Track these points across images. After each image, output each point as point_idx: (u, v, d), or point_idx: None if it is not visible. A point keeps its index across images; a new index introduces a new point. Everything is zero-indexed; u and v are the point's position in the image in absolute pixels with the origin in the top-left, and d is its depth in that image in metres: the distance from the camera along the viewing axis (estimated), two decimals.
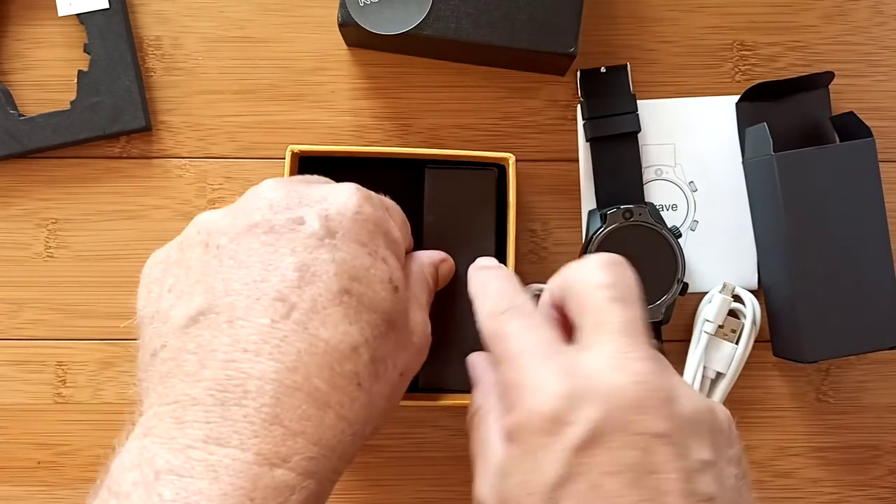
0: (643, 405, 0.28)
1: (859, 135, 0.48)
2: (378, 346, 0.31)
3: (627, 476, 0.27)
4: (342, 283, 0.30)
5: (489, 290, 0.34)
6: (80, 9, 0.50)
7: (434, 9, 0.46)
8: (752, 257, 0.51)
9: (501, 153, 0.44)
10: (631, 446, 0.27)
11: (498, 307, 0.32)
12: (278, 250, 0.30)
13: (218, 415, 0.27)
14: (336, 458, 0.29)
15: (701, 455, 0.28)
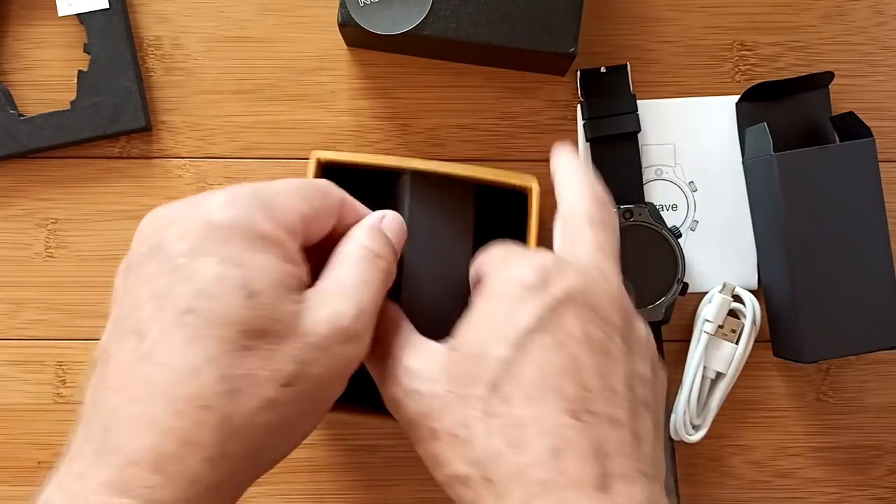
0: (611, 300, 0.31)
1: (859, 135, 0.48)
2: (232, 361, 0.28)
3: (587, 346, 0.30)
4: (186, 302, 0.29)
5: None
6: (80, 9, 0.50)
7: (434, 9, 0.46)
8: (752, 257, 0.51)
9: (526, 179, 0.43)
10: (596, 325, 0.30)
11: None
12: (142, 285, 0.30)
13: (80, 448, 0.30)
14: (187, 484, 0.27)
15: (644, 370, 0.31)
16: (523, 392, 0.29)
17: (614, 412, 0.29)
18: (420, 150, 0.51)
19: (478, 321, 0.32)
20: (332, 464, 0.50)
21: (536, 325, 0.30)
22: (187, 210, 0.31)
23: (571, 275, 0.31)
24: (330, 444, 0.50)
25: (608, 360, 0.30)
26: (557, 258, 0.32)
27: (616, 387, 0.30)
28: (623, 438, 0.29)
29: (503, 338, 0.30)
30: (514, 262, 0.32)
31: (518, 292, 0.31)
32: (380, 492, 0.50)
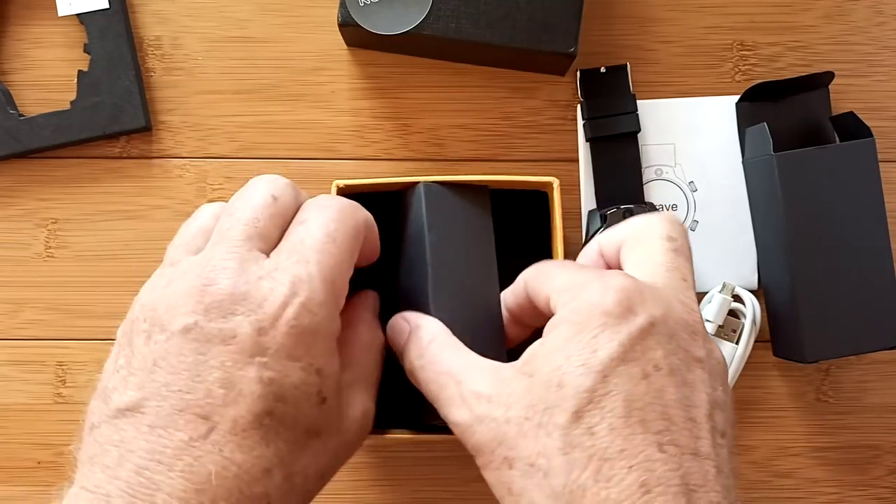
0: (692, 331, 0.31)
1: (859, 135, 0.48)
2: (295, 460, 0.30)
3: (672, 377, 0.29)
4: (266, 404, 0.29)
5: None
6: (80, 9, 0.50)
7: (434, 9, 0.46)
8: (752, 257, 0.51)
9: (545, 178, 0.43)
10: (678, 356, 0.30)
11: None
12: (208, 361, 0.29)
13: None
14: None
15: (722, 396, 0.31)
16: (608, 423, 0.28)
17: (697, 445, 0.28)
18: (420, 150, 0.51)
19: (557, 347, 0.30)
20: None
21: (621, 355, 0.29)
22: (266, 292, 0.30)
23: (654, 303, 0.30)
24: None
25: (690, 391, 0.29)
26: (638, 283, 0.31)
27: (698, 418, 0.29)
28: (706, 471, 0.28)
29: (587, 366, 0.29)
30: (592, 286, 0.31)
31: (601, 319, 0.29)
32: (380, 492, 0.50)
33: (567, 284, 0.32)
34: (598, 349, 0.29)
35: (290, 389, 0.30)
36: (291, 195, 0.34)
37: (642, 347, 0.29)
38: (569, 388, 0.29)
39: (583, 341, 0.29)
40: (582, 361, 0.29)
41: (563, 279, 0.32)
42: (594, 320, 0.30)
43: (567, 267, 0.34)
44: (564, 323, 0.30)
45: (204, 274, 0.30)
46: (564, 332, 0.30)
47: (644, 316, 0.30)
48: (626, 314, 0.29)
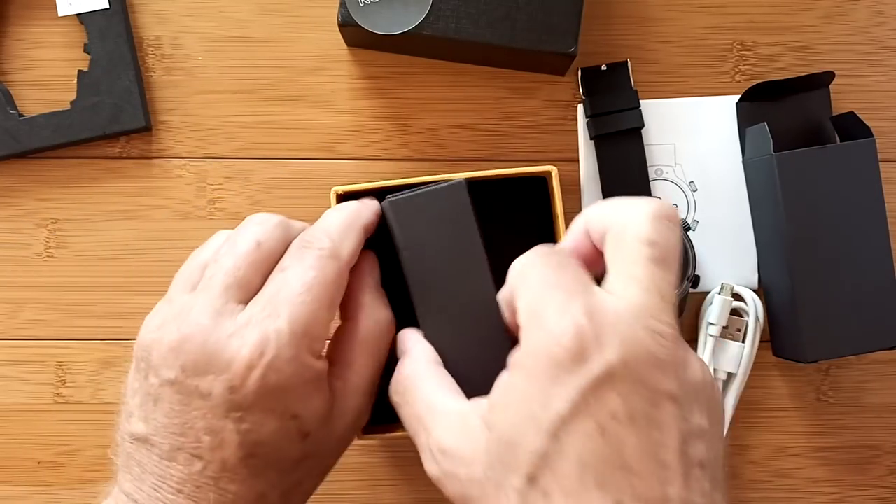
0: (659, 363, 0.28)
1: (859, 135, 0.48)
2: (287, 480, 0.34)
3: (633, 425, 0.27)
4: (247, 449, 0.32)
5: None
6: (80, 9, 0.50)
7: (434, 9, 0.46)
8: (752, 257, 0.51)
9: (543, 166, 0.43)
10: (641, 397, 0.27)
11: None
12: (191, 412, 0.32)
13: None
14: None
15: (700, 422, 0.28)
16: (562, 487, 0.27)
17: (665, 491, 0.26)
18: (420, 150, 0.51)
19: (511, 399, 0.29)
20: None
21: (571, 412, 0.27)
22: (233, 354, 0.32)
23: (613, 344, 0.27)
24: None
25: (657, 431, 0.27)
26: (595, 318, 0.28)
27: (667, 459, 0.27)
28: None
29: (537, 426, 0.27)
30: (548, 316, 0.29)
31: (552, 371, 0.27)
32: (380, 492, 0.50)
33: (530, 303, 0.30)
34: (548, 404, 0.27)
35: (268, 436, 0.32)
36: (278, 238, 0.35)
37: (596, 399, 0.27)
38: (521, 449, 0.27)
39: (534, 394, 0.28)
40: (533, 420, 0.27)
41: (530, 294, 0.30)
42: (547, 371, 0.28)
43: (540, 276, 0.31)
44: (519, 369, 0.29)
45: (182, 329, 0.33)
46: (518, 380, 0.29)
47: (598, 364, 0.27)
48: (578, 362, 0.27)
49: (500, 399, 0.29)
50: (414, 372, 0.34)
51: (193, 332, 0.32)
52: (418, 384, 0.34)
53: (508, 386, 0.29)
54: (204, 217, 0.51)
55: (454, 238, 0.37)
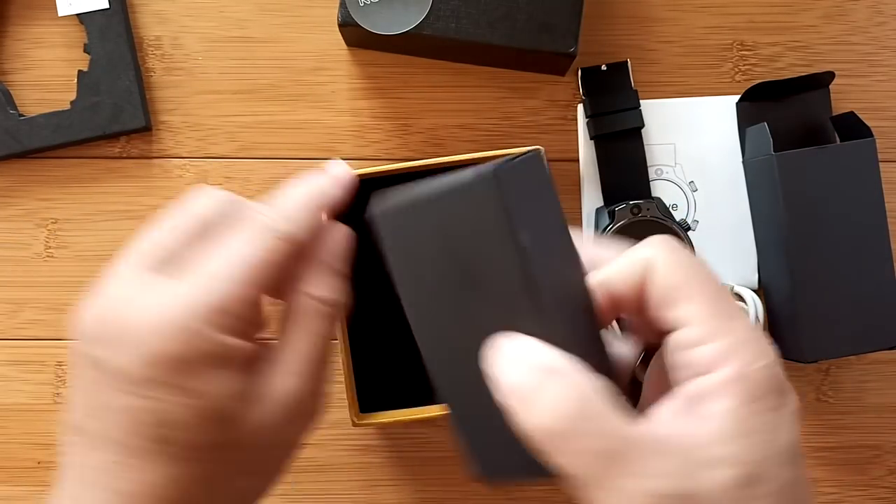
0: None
1: (859, 135, 0.48)
2: (208, 471, 0.31)
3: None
4: (152, 430, 0.29)
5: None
6: (80, 9, 0.50)
7: (434, 9, 0.46)
8: (752, 257, 0.51)
9: (531, 147, 0.44)
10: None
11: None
12: (101, 389, 0.30)
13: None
14: None
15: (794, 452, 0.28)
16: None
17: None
18: (420, 150, 0.51)
19: (744, 429, 0.26)
20: (332, 464, 0.50)
21: (797, 439, 0.27)
22: (133, 321, 0.30)
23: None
24: (331, 444, 0.50)
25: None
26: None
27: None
28: None
29: (780, 457, 0.26)
30: (746, 336, 0.27)
31: (771, 399, 0.26)
32: (380, 492, 0.50)
33: (716, 310, 0.27)
34: (784, 431, 0.26)
35: (172, 415, 0.29)
36: (222, 213, 0.33)
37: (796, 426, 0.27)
38: (769, 482, 0.26)
39: (763, 424, 0.26)
40: (773, 448, 0.26)
41: (708, 296, 0.27)
42: (765, 397, 0.26)
43: (709, 293, 0.28)
44: (735, 396, 0.26)
45: (95, 299, 0.31)
46: (743, 409, 0.26)
47: (792, 392, 0.27)
48: (789, 391, 0.27)
49: (733, 430, 0.26)
50: (582, 397, 0.26)
51: (100, 302, 0.31)
52: (597, 413, 0.26)
53: (735, 416, 0.26)
54: None
55: (542, 220, 0.29)
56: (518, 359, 0.27)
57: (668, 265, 0.28)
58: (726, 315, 0.27)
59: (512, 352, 0.27)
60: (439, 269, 0.29)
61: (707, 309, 0.27)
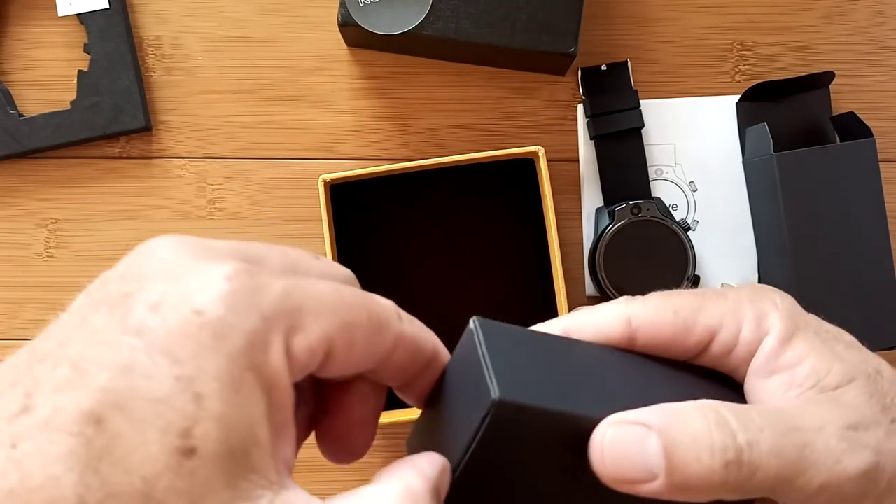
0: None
1: (859, 135, 0.48)
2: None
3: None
4: (97, 402, 0.19)
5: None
6: (80, 9, 0.50)
7: (434, 9, 0.46)
8: (752, 257, 0.51)
9: (530, 147, 0.46)
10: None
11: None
12: (85, 325, 0.21)
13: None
14: None
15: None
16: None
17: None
18: (420, 150, 0.51)
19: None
20: (332, 464, 0.50)
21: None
22: (183, 272, 0.21)
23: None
24: None
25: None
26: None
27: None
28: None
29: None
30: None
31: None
32: None
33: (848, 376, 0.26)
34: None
35: (139, 400, 0.19)
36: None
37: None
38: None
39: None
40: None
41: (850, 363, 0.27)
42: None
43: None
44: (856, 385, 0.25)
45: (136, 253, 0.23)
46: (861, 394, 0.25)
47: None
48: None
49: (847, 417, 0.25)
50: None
51: (161, 245, 0.22)
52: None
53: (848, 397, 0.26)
54: (204, 217, 0.51)
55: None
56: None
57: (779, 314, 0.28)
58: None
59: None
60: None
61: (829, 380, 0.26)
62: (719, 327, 0.26)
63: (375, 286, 0.44)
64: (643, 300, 0.27)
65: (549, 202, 0.45)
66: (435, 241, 0.50)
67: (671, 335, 0.26)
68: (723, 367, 0.27)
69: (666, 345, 0.26)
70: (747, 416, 0.24)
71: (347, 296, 0.23)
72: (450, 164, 0.47)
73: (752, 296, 0.27)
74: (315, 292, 0.22)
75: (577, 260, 0.51)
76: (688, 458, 0.23)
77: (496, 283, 0.50)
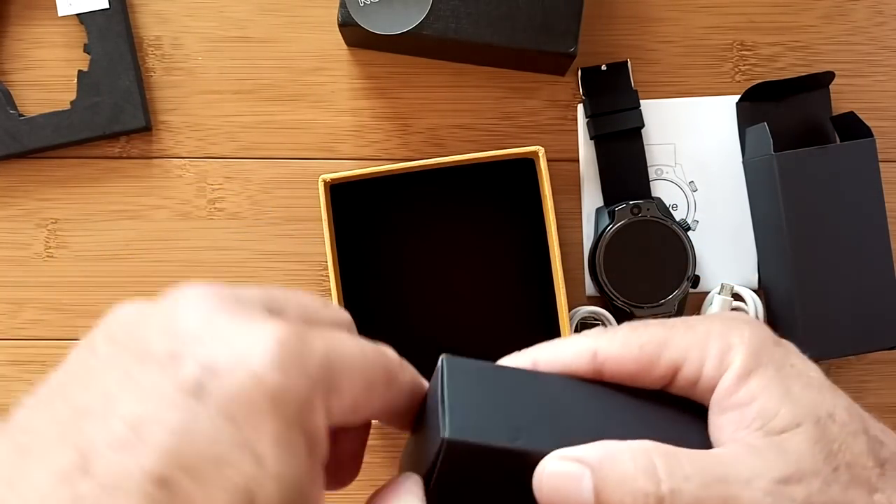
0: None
1: (859, 135, 0.48)
2: None
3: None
4: (164, 465, 0.19)
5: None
6: (80, 9, 0.50)
7: (434, 9, 0.46)
8: (752, 257, 0.51)
9: (530, 147, 0.46)
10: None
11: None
12: (132, 381, 0.22)
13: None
14: None
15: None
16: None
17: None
18: (420, 150, 0.51)
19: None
20: None
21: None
22: (234, 333, 0.22)
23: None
24: None
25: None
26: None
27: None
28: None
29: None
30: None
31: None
32: None
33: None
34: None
35: (204, 460, 0.20)
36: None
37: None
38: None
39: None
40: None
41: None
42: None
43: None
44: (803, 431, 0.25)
45: (170, 302, 0.24)
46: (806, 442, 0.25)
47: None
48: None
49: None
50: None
51: (196, 303, 0.23)
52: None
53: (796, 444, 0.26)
54: (204, 217, 0.51)
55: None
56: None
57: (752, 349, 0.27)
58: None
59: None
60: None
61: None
62: (683, 361, 0.26)
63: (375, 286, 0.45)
64: (611, 333, 0.27)
65: (549, 202, 0.46)
66: (435, 241, 0.50)
67: (636, 370, 0.27)
68: (693, 398, 0.27)
69: (632, 378, 0.27)
70: (677, 463, 0.24)
71: (369, 355, 0.24)
72: (450, 164, 0.47)
73: (721, 329, 0.27)
74: (345, 352, 0.23)
75: (577, 260, 0.51)
76: (613, 499, 0.24)
77: (496, 283, 0.50)
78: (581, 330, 0.49)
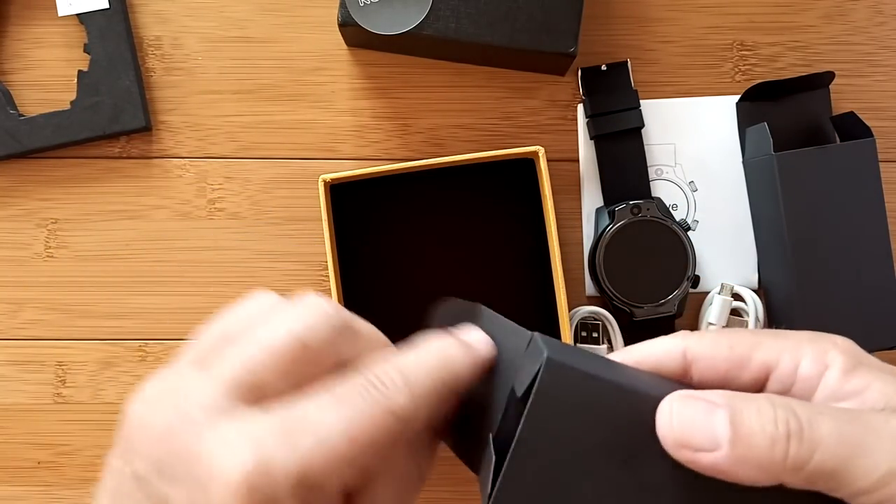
0: None
1: (859, 135, 0.48)
2: None
3: None
4: None
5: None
6: (80, 9, 0.50)
7: (434, 9, 0.46)
8: (752, 257, 0.51)
9: (530, 147, 0.46)
10: None
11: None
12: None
13: None
14: None
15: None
16: None
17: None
18: (420, 150, 0.51)
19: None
20: None
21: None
22: (211, 462, 0.23)
23: None
24: None
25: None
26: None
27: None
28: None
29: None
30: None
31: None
32: None
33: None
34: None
35: None
36: (330, 343, 0.26)
37: None
38: None
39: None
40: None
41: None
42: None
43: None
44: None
45: (170, 416, 0.25)
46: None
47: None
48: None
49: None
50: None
51: (179, 425, 0.25)
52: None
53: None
54: (204, 217, 0.51)
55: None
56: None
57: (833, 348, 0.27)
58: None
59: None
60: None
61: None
62: (776, 362, 0.26)
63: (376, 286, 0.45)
64: (699, 334, 0.27)
65: (549, 202, 0.46)
66: (435, 241, 0.50)
67: (726, 370, 0.26)
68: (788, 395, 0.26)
69: (721, 379, 0.26)
70: (808, 403, 0.24)
71: (365, 423, 0.24)
72: (450, 164, 0.47)
73: (811, 336, 0.27)
74: (324, 451, 0.24)
75: (577, 260, 0.51)
76: (753, 427, 0.23)
77: (496, 283, 0.50)
78: (581, 330, 0.49)
